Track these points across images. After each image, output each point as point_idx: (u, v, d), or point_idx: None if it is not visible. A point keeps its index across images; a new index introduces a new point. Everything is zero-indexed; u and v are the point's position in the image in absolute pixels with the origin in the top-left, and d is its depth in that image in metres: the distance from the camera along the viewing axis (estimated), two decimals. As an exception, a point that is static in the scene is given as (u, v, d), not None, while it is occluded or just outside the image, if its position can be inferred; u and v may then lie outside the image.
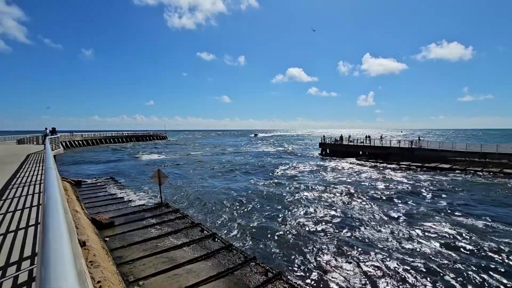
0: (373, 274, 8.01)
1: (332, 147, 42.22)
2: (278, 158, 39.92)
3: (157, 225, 10.67)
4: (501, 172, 24.30)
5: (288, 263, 8.66)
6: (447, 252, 9.38)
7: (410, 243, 10.11)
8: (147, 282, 6.62)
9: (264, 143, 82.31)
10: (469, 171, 25.44)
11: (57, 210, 1.71)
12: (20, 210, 5.96)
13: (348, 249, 9.57)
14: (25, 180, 9.19)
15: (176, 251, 8.41)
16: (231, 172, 27.40)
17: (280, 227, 11.72)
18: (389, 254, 9.22)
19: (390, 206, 14.73)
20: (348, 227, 11.72)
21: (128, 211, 12.60)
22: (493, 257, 8.98)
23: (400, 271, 8.14)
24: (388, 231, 11.26)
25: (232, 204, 15.28)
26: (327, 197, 16.73)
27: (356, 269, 8.26)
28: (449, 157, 29.01)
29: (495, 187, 19.35)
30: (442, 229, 11.38)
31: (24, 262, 3.66)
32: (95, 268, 5.39)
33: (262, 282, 6.77)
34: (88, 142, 62.67)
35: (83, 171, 27.20)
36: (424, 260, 8.78)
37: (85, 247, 6.19)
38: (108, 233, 9.73)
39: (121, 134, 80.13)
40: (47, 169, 3.86)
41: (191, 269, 7.31)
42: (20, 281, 3.20)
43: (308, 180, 22.47)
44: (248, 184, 21.06)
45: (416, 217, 13.04)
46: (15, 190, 7.74)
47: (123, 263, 7.51)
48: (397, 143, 35.78)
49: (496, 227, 11.62)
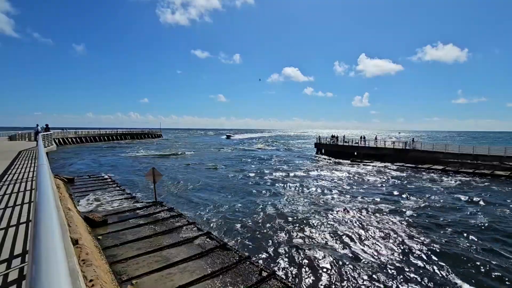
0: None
1: (327, 148, 42.46)
2: (271, 159, 39.97)
3: (151, 224, 10.59)
4: (492, 174, 24.73)
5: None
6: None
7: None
8: (141, 281, 6.56)
9: (260, 141, 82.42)
10: (461, 172, 25.86)
11: (49, 207, 1.68)
12: (11, 207, 5.85)
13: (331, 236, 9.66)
14: (17, 177, 9.04)
15: (170, 249, 8.35)
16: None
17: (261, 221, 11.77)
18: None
19: (374, 201, 14.91)
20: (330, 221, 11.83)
21: (121, 209, 12.47)
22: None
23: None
24: (362, 221, 11.39)
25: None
26: (318, 197, 16.81)
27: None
28: (442, 159, 29.41)
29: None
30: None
31: (14, 260, 3.59)
32: (87, 266, 5.31)
33: (256, 281, 6.76)
34: (81, 139, 61.94)
35: (76, 169, 26.87)
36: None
37: (77, 245, 6.10)
38: (101, 231, 9.61)
39: (115, 132, 79.28)
40: (40, 165, 3.79)
41: (185, 268, 7.26)
42: (10, 279, 3.14)
43: (302, 180, 22.55)
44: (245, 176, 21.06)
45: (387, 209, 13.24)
46: (6, 187, 7.60)
47: (116, 261, 7.43)
48: (392, 144, 36.16)
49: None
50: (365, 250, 9.69)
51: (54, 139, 31.03)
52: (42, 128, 27.13)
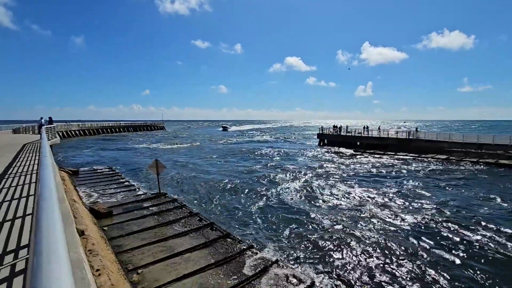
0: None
1: (330, 138, 42.31)
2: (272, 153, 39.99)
3: (155, 215, 10.72)
4: (496, 163, 24.56)
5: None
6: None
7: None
8: (146, 270, 6.69)
9: (258, 133, 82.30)
10: (465, 161, 25.72)
11: (52, 199, 1.69)
12: (17, 199, 5.93)
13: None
14: (21, 170, 9.13)
15: (175, 240, 8.48)
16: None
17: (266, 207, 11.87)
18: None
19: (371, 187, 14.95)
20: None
21: (126, 200, 12.62)
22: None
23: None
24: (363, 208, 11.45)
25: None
26: (322, 186, 16.86)
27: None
28: (446, 148, 29.20)
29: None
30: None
31: (21, 250, 3.65)
32: (94, 256, 5.41)
33: (260, 270, 6.87)
34: (84, 132, 62.27)
35: (80, 161, 27.11)
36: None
37: (83, 236, 6.20)
38: (106, 222, 9.76)
39: (118, 124, 79.60)
40: (43, 158, 3.82)
41: (190, 258, 7.38)
42: (17, 269, 3.20)
43: (305, 170, 22.58)
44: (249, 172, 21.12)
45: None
46: (12, 180, 7.69)
47: (121, 252, 7.57)
48: (395, 134, 35.92)
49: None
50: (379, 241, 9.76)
51: (58, 132, 31.24)
52: (46, 121, 27.27)
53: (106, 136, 63.81)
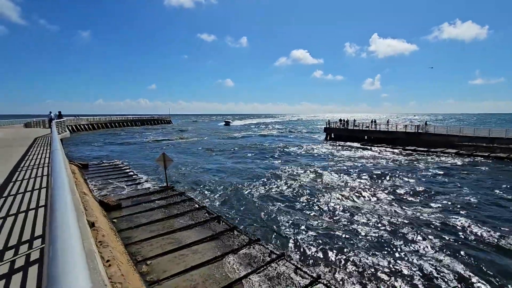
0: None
1: (337, 132, 41.96)
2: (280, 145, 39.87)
3: (163, 208, 10.89)
4: (508, 157, 24.01)
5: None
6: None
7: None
8: (155, 262, 6.84)
9: (263, 127, 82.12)
10: (475, 155, 25.21)
11: (64, 190, 1.73)
12: (29, 192, 6.10)
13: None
14: (34, 163, 9.36)
15: (182, 232, 8.62)
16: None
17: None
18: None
19: (377, 182, 14.83)
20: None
21: (134, 193, 12.85)
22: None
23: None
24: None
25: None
26: (328, 179, 16.81)
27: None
28: (456, 142, 28.64)
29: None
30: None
31: (35, 240, 3.77)
32: (104, 248, 5.55)
33: (266, 262, 6.95)
34: (93, 126, 63.17)
35: (89, 154, 27.60)
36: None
37: (94, 228, 6.36)
38: (115, 214, 9.97)
39: (126, 118, 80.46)
40: (54, 151, 3.90)
41: (197, 250, 7.51)
42: (32, 259, 3.31)
43: (311, 164, 22.51)
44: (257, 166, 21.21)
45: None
46: (24, 173, 7.90)
47: (131, 243, 7.74)
48: (403, 127, 35.38)
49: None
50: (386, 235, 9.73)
51: (67, 126, 31.77)
52: (55, 115, 27.74)
53: (115, 130, 64.64)
